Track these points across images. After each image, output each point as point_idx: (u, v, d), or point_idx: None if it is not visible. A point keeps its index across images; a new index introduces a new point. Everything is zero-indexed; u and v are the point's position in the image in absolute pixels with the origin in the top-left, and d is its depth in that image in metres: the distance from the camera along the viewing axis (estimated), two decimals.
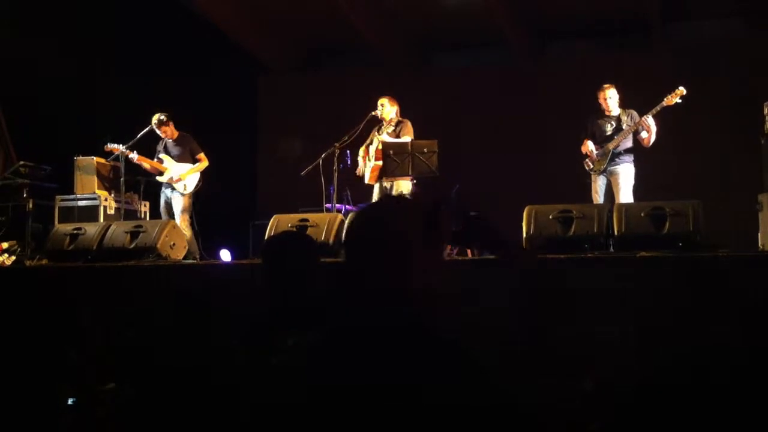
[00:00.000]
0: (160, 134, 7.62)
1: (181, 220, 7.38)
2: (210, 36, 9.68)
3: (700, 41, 9.31)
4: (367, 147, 7.26)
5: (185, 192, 7.51)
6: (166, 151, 7.63)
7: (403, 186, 7.00)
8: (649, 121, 6.55)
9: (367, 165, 7.20)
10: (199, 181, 7.58)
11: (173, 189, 7.53)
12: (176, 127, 7.70)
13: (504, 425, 1.41)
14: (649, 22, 9.41)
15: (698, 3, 9.26)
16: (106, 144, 7.57)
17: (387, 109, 7.21)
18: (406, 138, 7.01)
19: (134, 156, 7.54)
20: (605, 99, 6.82)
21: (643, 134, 6.65)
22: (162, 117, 7.55)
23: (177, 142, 7.65)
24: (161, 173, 7.57)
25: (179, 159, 7.59)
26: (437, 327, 1.50)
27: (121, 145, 7.54)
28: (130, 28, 8.66)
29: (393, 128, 7.16)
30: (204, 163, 7.64)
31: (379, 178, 7.06)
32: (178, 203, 7.51)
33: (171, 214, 7.51)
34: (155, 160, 7.64)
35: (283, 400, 1.48)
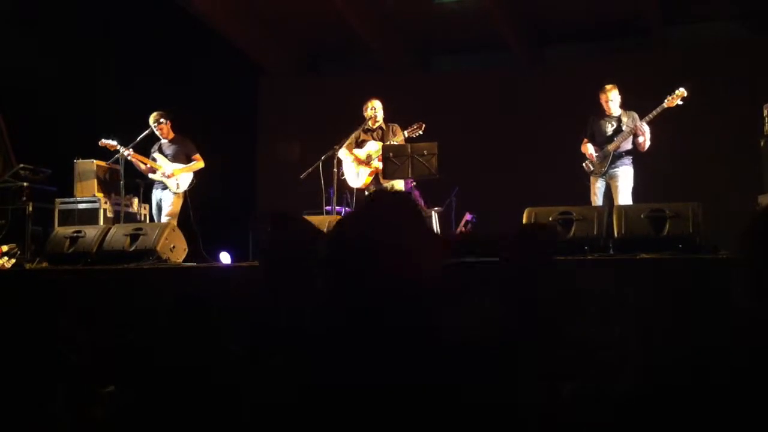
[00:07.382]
0: (156, 132, 7.58)
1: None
2: (211, 38, 9.69)
3: (699, 43, 9.32)
4: (350, 148, 7.22)
5: (177, 191, 7.47)
6: (160, 151, 7.62)
7: (399, 186, 7.00)
8: (644, 127, 6.55)
9: (360, 169, 7.17)
10: (192, 180, 7.55)
11: (165, 188, 7.50)
12: (176, 129, 7.68)
13: (504, 425, 1.41)
14: (649, 25, 9.41)
15: (698, 5, 9.27)
16: (101, 140, 7.50)
17: (381, 112, 7.22)
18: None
19: (128, 153, 7.44)
20: (606, 101, 6.79)
21: (639, 139, 6.65)
22: (159, 115, 7.55)
23: (172, 142, 7.64)
24: (155, 172, 7.54)
25: (173, 159, 7.57)
26: (437, 327, 1.49)
27: (115, 141, 7.48)
28: (131, 31, 8.67)
29: (379, 132, 7.15)
30: (199, 164, 7.62)
31: (375, 182, 7.06)
32: (168, 204, 7.46)
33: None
34: (149, 159, 7.63)
35: (283, 400, 1.48)
